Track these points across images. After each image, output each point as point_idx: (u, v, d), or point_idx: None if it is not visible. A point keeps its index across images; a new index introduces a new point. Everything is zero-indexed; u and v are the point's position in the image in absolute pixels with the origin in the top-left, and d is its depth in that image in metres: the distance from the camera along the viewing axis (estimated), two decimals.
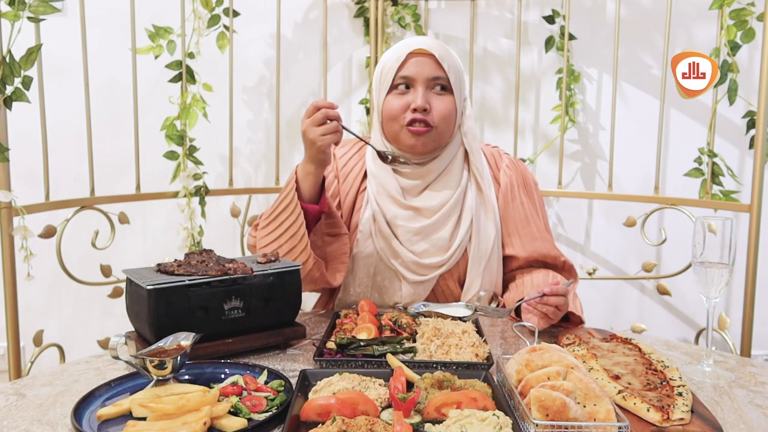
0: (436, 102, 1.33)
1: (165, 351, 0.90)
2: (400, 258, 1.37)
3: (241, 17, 2.02)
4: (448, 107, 1.33)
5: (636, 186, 2.16)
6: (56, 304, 2.28)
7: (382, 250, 1.38)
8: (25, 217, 1.57)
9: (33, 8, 1.51)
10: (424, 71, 1.32)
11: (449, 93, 1.34)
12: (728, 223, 1.00)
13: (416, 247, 1.37)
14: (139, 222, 2.21)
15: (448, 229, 1.37)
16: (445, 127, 1.35)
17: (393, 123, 1.35)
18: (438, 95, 1.33)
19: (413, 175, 1.38)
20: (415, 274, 1.37)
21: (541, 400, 0.76)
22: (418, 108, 1.30)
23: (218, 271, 1.07)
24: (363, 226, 1.39)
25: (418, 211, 1.38)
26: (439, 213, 1.36)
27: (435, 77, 1.32)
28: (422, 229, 1.36)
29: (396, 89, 1.34)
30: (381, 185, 1.39)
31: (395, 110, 1.33)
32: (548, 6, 2.21)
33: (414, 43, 1.34)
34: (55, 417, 0.85)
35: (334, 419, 0.75)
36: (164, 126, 1.94)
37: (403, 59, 1.32)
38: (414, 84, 1.33)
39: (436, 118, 1.32)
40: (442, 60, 1.32)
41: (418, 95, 1.31)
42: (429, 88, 1.33)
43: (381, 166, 1.39)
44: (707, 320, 1.03)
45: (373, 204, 1.39)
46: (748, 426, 0.84)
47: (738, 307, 1.87)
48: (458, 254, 1.38)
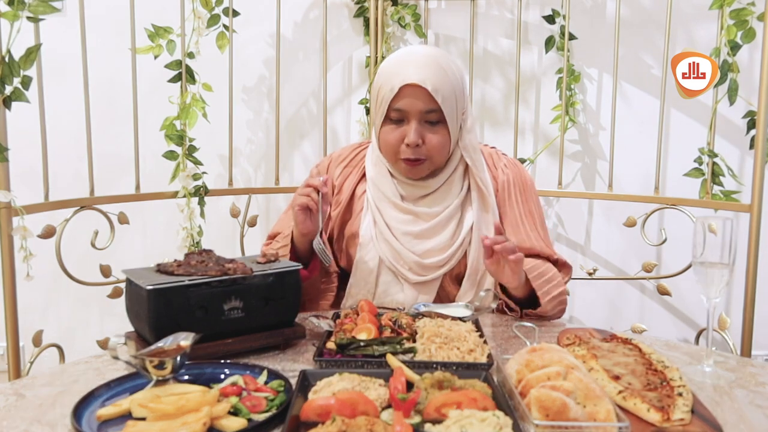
0: (429, 135, 1.35)
1: (165, 351, 0.90)
2: (402, 260, 1.38)
3: (240, 17, 2.02)
4: (441, 140, 1.35)
5: (636, 186, 2.16)
6: (56, 304, 2.28)
7: (383, 253, 1.39)
8: (24, 217, 1.57)
9: (32, 8, 1.50)
10: (417, 105, 1.32)
11: (443, 124, 1.35)
12: (728, 223, 1.00)
13: (417, 248, 1.38)
14: (139, 222, 2.21)
15: (448, 232, 1.39)
16: (439, 157, 1.38)
17: (390, 154, 1.39)
18: (431, 129, 1.35)
19: (412, 186, 1.42)
20: (417, 275, 1.38)
21: (541, 401, 0.76)
22: (411, 144, 1.33)
23: (218, 271, 1.07)
24: (364, 231, 1.41)
25: (417, 216, 1.40)
26: (438, 218, 1.39)
27: (428, 110, 1.33)
28: (422, 233, 1.38)
29: (390, 120, 1.36)
30: (380, 190, 1.42)
31: (391, 144, 1.37)
32: (548, 6, 2.20)
33: (407, 75, 1.31)
34: (55, 417, 0.85)
35: (334, 419, 0.75)
36: (164, 126, 1.94)
37: (396, 91, 1.32)
38: (407, 118, 1.34)
39: (428, 152, 1.35)
40: (435, 93, 1.31)
41: (411, 130, 1.33)
42: (422, 120, 1.34)
43: (380, 172, 1.43)
44: (707, 320, 1.03)
45: (372, 208, 1.42)
46: (749, 426, 0.84)
47: (738, 307, 1.86)
48: (459, 254, 1.39)
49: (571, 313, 2.36)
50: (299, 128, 2.39)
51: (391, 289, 1.40)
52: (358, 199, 1.46)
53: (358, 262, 1.41)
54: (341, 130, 2.41)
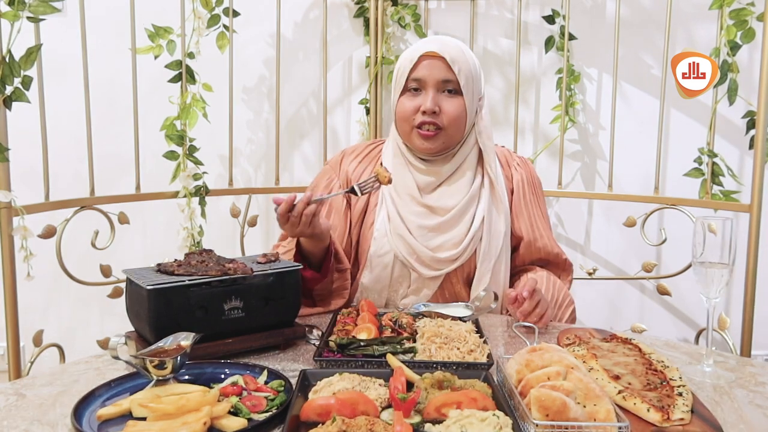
0: (445, 104, 1.35)
1: (165, 351, 0.90)
2: (416, 254, 1.39)
3: (240, 17, 2.02)
4: (457, 109, 1.35)
5: (636, 186, 2.16)
6: (56, 304, 2.28)
7: (397, 247, 1.40)
8: (24, 217, 1.57)
9: (33, 8, 1.50)
10: (434, 74, 1.34)
11: (459, 95, 1.36)
12: (728, 223, 1.00)
13: (431, 242, 1.39)
14: (139, 222, 2.21)
15: (462, 226, 1.40)
16: (455, 129, 1.37)
17: (404, 124, 1.39)
18: (448, 98, 1.36)
19: (428, 172, 1.41)
20: (429, 269, 1.39)
21: (541, 400, 0.76)
22: (427, 110, 1.34)
23: (218, 271, 1.07)
24: (379, 224, 1.42)
25: (432, 210, 1.40)
26: (453, 211, 1.39)
27: (445, 80, 1.35)
28: (437, 227, 1.39)
29: (408, 91, 1.38)
30: (398, 183, 1.42)
31: (406, 112, 1.37)
32: (548, 6, 2.20)
33: (426, 45, 1.36)
34: (55, 417, 0.85)
35: (334, 419, 0.75)
36: (164, 126, 1.94)
37: (415, 61, 1.35)
38: (425, 86, 1.36)
39: (445, 120, 1.35)
40: (452, 63, 1.33)
41: (428, 98, 1.34)
42: (439, 90, 1.35)
43: (399, 164, 1.43)
44: (707, 320, 1.03)
45: (388, 202, 1.42)
46: (749, 426, 0.84)
47: (738, 307, 1.86)
48: (470, 250, 1.40)
49: None
50: (299, 128, 2.39)
51: (405, 283, 1.42)
52: (373, 194, 1.46)
53: (372, 256, 1.42)
54: (341, 130, 2.41)
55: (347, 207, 1.46)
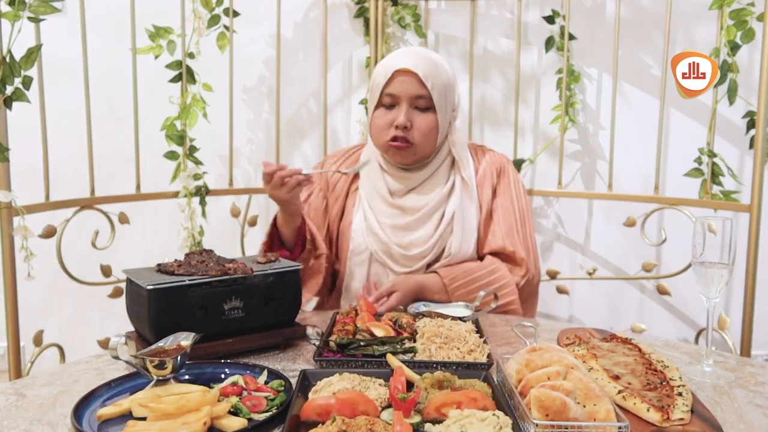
0: (418, 120, 1.41)
1: (165, 351, 0.91)
2: (389, 252, 1.45)
3: (241, 17, 2.02)
4: (429, 125, 1.41)
5: (636, 186, 2.16)
6: (56, 304, 2.28)
7: (373, 246, 1.47)
8: (25, 217, 1.57)
9: (33, 8, 1.50)
10: (407, 90, 1.40)
11: (432, 111, 1.41)
12: (728, 223, 1.00)
13: (402, 240, 1.45)
14: (139, 222, 2.21)
15: (431, 225, 1.45)
16: (426, 143, 1.43)
17: (378, 137, 1.45)
18: (421, 113, 1.41)
19: (400, 179, 1.48)
20: (402, 266, 1.45)
21: (541, 400, 0.76)
22: (399, 126, 1.39)
23: (218, 271, 1.07)
24: (356, 225, 1.50)
25: (404, 210, 1.47)
26: (423, 210, 1.45)
27: (418, 96, 1.40)
28: (407, 225, 1.45)
29: (383, 105, 1.43)
30: (372, 186, 1.50)
31: (380, 126, 1.43)
32: (548, 6, 2.20)
33: (400, 61, 1.40)
34: (55, 417, 0.85)
35: (334, 419, 0.75)
36: (164, 126, 1.94)
37: (389, 76, 1.40)
38: (398, 101, 1.41)
39: (416, 136, 1.41)
40: (425, 79, 1.38)
41: (401, 113, 1.40)
42: (412, 105, 1.40)
43: (373, 169, 1.51)
44: (707, 320, 1.03)
45: (364, 204, 1.49)
46: (748, 426, 0.84)
47: (738, 307, 1.86)
48: (439, 247, 1.45)
49: (571, 313, 2.36)
50: (299, 128, 2.39)
51: (382, 280, 1.47)
52: (351, 196, 1.54)
53: (350, 254, 1.49)
54: (341, 130, 2.41)
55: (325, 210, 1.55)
